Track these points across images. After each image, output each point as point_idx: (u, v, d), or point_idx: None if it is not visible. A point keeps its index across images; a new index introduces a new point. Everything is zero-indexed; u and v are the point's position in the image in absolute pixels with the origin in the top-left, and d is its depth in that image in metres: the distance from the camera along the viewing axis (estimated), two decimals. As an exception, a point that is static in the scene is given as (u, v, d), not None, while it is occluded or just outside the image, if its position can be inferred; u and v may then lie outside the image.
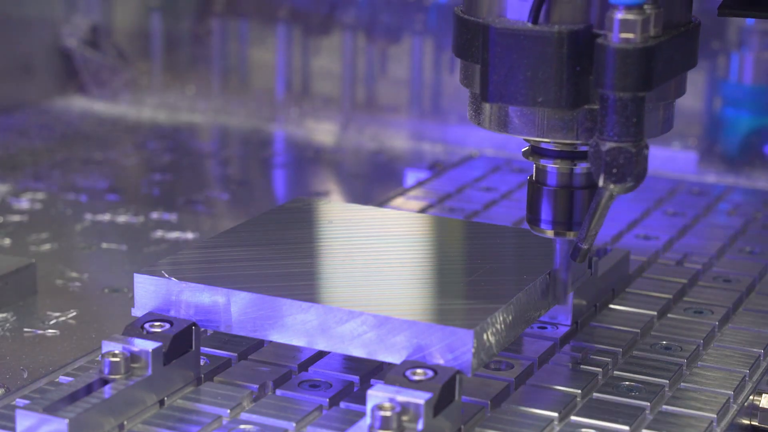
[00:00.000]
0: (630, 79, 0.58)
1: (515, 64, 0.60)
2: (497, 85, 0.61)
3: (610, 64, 0.58)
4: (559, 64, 0.60)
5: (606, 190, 0.60)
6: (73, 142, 1.22)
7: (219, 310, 0.65)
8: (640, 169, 0.60)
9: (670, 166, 1.14)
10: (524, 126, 0.63)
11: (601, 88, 0.59)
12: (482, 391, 0.65)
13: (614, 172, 0.59)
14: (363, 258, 0.70)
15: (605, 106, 0.59)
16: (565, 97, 0.60)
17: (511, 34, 0.60)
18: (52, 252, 0.92)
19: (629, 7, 0.58)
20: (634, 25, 0.58)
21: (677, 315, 0.76)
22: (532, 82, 0.60)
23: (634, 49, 0.58)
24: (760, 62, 1.14)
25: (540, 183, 0.66)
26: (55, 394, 0.60)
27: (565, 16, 0.61)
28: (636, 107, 0.59)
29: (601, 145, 0.59)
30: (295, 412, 0.63)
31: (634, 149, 0.59)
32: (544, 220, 0.66)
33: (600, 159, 0.59)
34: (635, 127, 0.59)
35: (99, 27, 1.37)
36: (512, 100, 0.61)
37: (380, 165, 1.18)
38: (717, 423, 0.64)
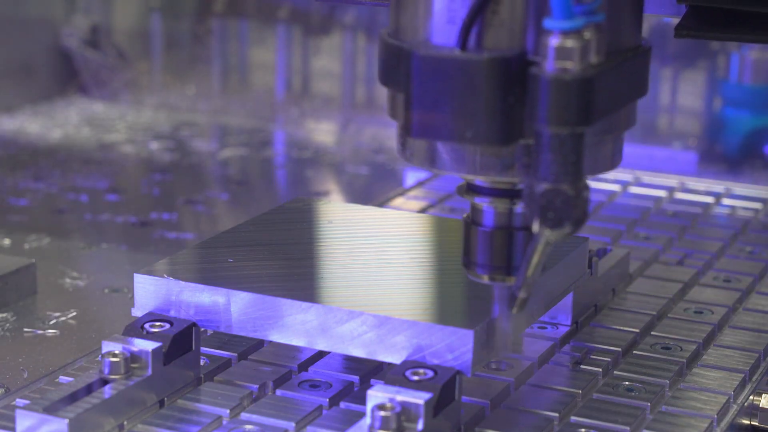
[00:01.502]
0: (567, 113, 0.52)
1: (441, 94, 0.54)
2: (422, 117, 0.54)
3: (544, 96, 0.52)
4: (489, 95, 0.53)
5: (542, 236, 0.54)
6: (73, 142, 1.22)
7: (219, 310, 0.65)
8: (579, 212, 0.53)
9: (670, 166, 1.14)
10: (455, 163, 0.57)
11: (535, 123, 0.52)
12: (482, 391, 0.65)
13: (550, 217, 0.53)
14: (363, 258, 0.70)
15: (540, 143, 0.52)
16: (496, 132, 0.54)
17: (436, 60, 0.54)
18: (52, 252, 0.92)
19: (566, 32, 0.52)
20: (572, 53, 0.52)
21: (677, 315, 0.76)
22: (459, 115, 0.54)
23: (571, 79, 0.52)
24: (760, 62, 1.14)
25: (476, 223, 0.60)
26: (55, 394, 0.60)
27: (498, 41, 0.54)
28: (574, 144, 0.52)
29: (535, 186, 0.53)
30: (295, 412, 0.63)
31: (573, 191, 0.53)
32: (481, 264, 0.60)
33: (534, 202, 0.53)
34: (573, 166, 0.52)
35: (99, 27, 1.37)
36: (438, 135, 0.55)
37: (380, 165, 1.18)
38: (717, 423, 0.64)
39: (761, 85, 1.14)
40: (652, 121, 1.18)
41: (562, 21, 0.51)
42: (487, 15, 0.54)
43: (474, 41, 0.54)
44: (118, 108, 1.34)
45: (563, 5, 0.51)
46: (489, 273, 0.60)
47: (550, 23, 0.52)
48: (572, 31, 0.52)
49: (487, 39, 0.54)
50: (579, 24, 0.52)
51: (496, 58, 0.53)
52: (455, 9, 0.55)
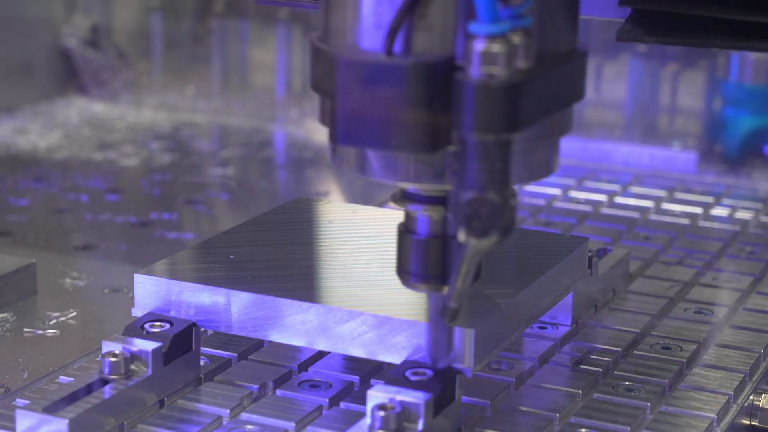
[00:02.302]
0: (493, 120, 0.50)
1: (366, 100, 0.52)
2: (347, 124, 0.53)
3: (469, 102, 0.50)
4: (414, 101, 0.52)
5: (475, 246, 0.53)
6: (73, 142, 1.22)
7: (219, 310, 0.65)
8: (506, 222, 0.52)
9: (670, 166, 1.14)
10: (384, 170, 0.56)
11: (461, 130, 0.51)
12: (482, 391, 0.65)
13: (476, 226, 0.52)
14: (363, 258, 0.70)
15: (466, 150, 0.51)
16: (422, 139, 0.52)
17: (361, 65, 0.52)
18: (52, 252, 0.92)
19: (492, 37, 0.50)
20: (497, 58, 0.50)
21: (677, 315, 0.76)
22: (385, 122, 0.52)
23: (497, 85, 0.50)
24: (760, 62, 1.14)
25: (409, 231, 0.59)
26: (55, 394, 0.60)
27: (426, 46, 0.53)
28: (501, 151, 0.51)
29: (461, 194, 0.51)
30: (295, 412, 0.63)
31: (499, 200, 0.51)
32: (415, 273, 0.59)
33: (460, 210, 0.52)
34: (500, 174, 0.51)
35: (99, 27, 1.37)
36: (363, 142, 0.53)
37: (380, 165, 1.18)
38: (717, 423, 0.64)
39: (761, 85, 1.14)
40: (652, 121, 1.18)
41: (488, 25, 0.50)
42: (414, 19, 0.53)
43: (401, 46, 0.53)
44: (118, 108, 1.34)
45: (488, 9, 0.50)
46: (423, 282, 0.59)
47: (475, 27, 0.50)
48: (498, 35, 0.50)
49: (414, 44, 0.53)
50: (505, 28, 0.50)
51: (421, 64, 0.52)
52: (382, 13, 0.54)
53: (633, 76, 1.18)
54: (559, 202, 0.98)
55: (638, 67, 1.18)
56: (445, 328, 0.59)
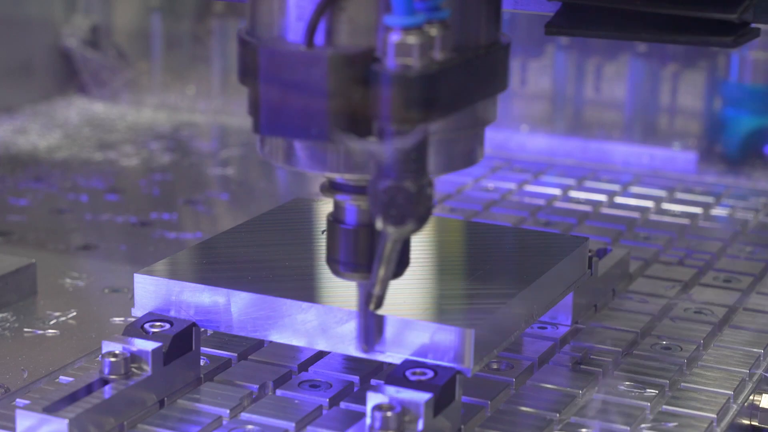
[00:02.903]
0: (408, 110, 0.51)
1: (287, 91, 0.53)
2: (269, 114, 0.54)
3: (385, 92, 0.51)
4: (333, 92, 0.53)
5: (392, 234, 0.54)
6: (73, 142, 1.22)
7: (219, 310, 0.65)
8: (422, 209, 0.53)
9: (670, 166, 1.14)
10: (310, 160, 0.57)
11: (378, 120, 0.52)
12: (482, 391, 0.65)
13: (393, 214, 0.53)
14: (363, 258, 0.70)
15: (383, 140, 0.52)
16: (341, 130, 0.53)
17: (282, 57, 0.53)
18: (52, 252, 0.92)
19: (407, 29, 0.51)
20: (412, 49, 0.51)
21: (677, 315, 0.76)
22: (305, 113, 0.53)
23: (412, 76, 0.51)
24: (760, 62, 1.14)
25: (338, 221, 0.59)
26: (55, 394, 0.60)
27: (346, 38, 0.54)
28: (416, 141, 0.52)
29: (378, 183, 0.53)
30: (295, 412, 0.63)
31: (415, 188, 0.52)
32: (344, 262, 0.59)
33: (377, 199, 0.53)
34: (416, 163, 0.52)
35: (99, 27, 1.37)
36: (285, 132, 0.54)
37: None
38: (717, 423, 0.64)
39: (761, 85, 1.14)
40: (652, 121, 1.18)
41: (403, 17, 0.51)
42: (335, 12, 0.54)
43: (324, 39, 0.54)
44: (118, 108, 1.34)
45: (403, 2, 0.51)
46: (353, 270, 0.59)
47: (390, 20, 0.52)
48: (413, 27, 0.51)
49: (335, 36, 0.54)
50: (420, 20, 0.51)
51: (340, 55, 0.53)
52: (304, 6, 0.55)
53: (633, 76, 1.18)
54: (559, 202, 0.98)
55: (638, 67, 1.18)
56: (374, 315, 0.60)
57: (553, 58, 1.20)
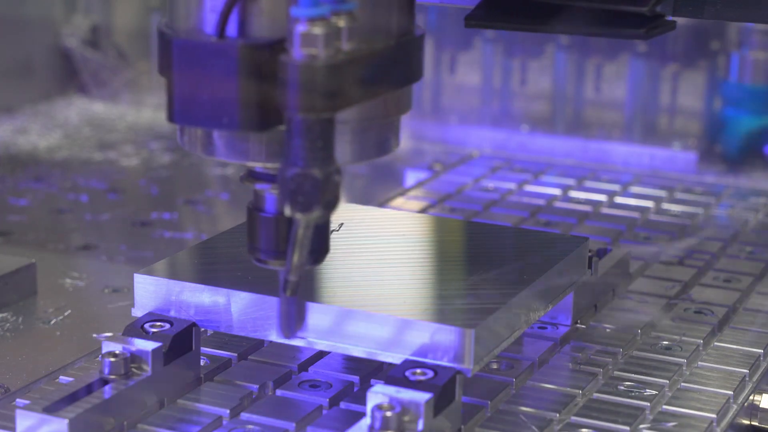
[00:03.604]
0: (313, 99, 0.53)
1: (198, 81, 0.55)
2: (182, 104, 0.56)
3: (290, 82, 0.53)
4: (243, 82, 0.54)
5: (300, 220, 0.55)
6: (73, 142, 1.22)
7: (219, 310, 0.65)
8: (329, 196, 0.54)
9: (670, 166, 1.14)
10: (226, 149, 0.58)
11: (285, 109, 0.53)
12: (482, 391, 0.65)
13: (300, 201, 0.54)
14: (363, 258, 0.70)
15: (290, 129, 0.54)
16: (252, 118, 0.55)
17: (193, 47, 0.55)
18: (52, 252, 0.92)
19: (312, 20, 0.53)
20: (317, 40, 0.53)
21: (677, 315, 0.76)
22: (216, 102, 0.55)
23: (317, 66, 0.53)
24: (760, 62, 1.14)
25: (258, 210, 0.60)
26: (55, 394, 0.60)
27: (258, 29, 0.55)
28: (323, 129, 0.54)
29: (286, 171, 0.54)
30: (295, 412, 0.63)
31: (322, 175, 0.54)
32: (265, 249, 0.60)
33: (285, 186, 0.54)
34: (322, 151, 0.54)
35: (99, 27, 1.37)
36: (197, 121, 0.56)
37: (380, 165, 1.18)
38: (717, 423, 0.64)
39: (761, 85, 1.14)
40: (652, 121, 1.18)
41: (308, 8, 0.53)
42: (247, 4, 0.55)
43: (236, 29, 0.55)
44: (118, 108, 1.34)
45: None
46: (273, 258, 0.60)
47: (296, 11, 0.53)
48: (318, 18, 0.53)
49: (247, 27, 0.55)
50: (325, 11, 0.53)
51: (250, 45, 0.54)
52: None
53: (633, 76, 1.18)
54: (559, 202, 0.98)
55: (638, 67, 1.18)
56: (295, 301, 0.61)
57: (553, 58, 1.20)
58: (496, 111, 1.23)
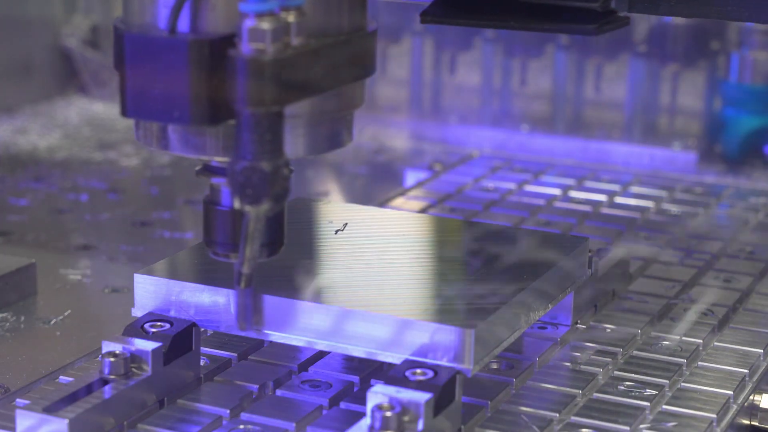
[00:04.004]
0: (261, 94, 0.54)
1: (150, 75, 0.55)
2: (134, 98, 0.56)
3: (238, 76, 0.54)
4: (193, 77, 0.55)
5: (250, 213, 0.56)
6: (73, 142, 1.22)
7: (219, 310, 0.65)
8: (278, 189, 0.55)
9: (670, 166, 1.14)
10: (180, 143, 0.59)
11: (234, 104, 0.54)
12: (482, 391, 0.65)
13: (249, 193, 0.55)
14: (363, 258, 0.70)
15: (239, 123, 0.54)
16: (202, 113, 0.55)
17: (145, 42, 0.55)
18: (52, 252, 0.92)
19: (260, 15, 0.53)
20: (264, 35, 0.53)
21: (677, 315, 0.76)
22: (167, 96, 0.55)
23: (265, 60, 0.53)
24: (760, 62, 1.14)
25: (214, 203, 0.61)
26: (55, 394, 0.60)
27: (210, 24, 0.56)
28: (271, 123, 0.54)
29: (235, 164, 0.55)
30: (295, 412, 0.63)
31: (270, 168, 0.55)
32: (221, 243, 0.61)
33: (234, 179, 0.55)
34: (271, 144, 0.55)
35: (99, 27, 1.37)
36: (149, 116, 0.56)
37: (380, 165, 1.18)
38: (717, 423, 0.64)
39: (761, 85, 1.14)
40: (652, 121, 1.18)
41: (256, 4, 0.53)
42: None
43: (188, 25, 0.56)
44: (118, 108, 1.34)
45: None
46: (230, 251, 0.61)
47: (244, 6, 0.53)
48: (267, 13, 0.53)
49: (199, 22, 0.56)
50: (273, 6, 0.53)
51: (200, 40, 0.55)
52: None
53: (633, 76, 1.18)
54: (559, 202, 0.98)
55: (638, 67, 1.18)
56: (250, 294, 0.62)
57: (553, 58, 1.20)
58: (496, 111, 1.23)
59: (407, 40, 1.26)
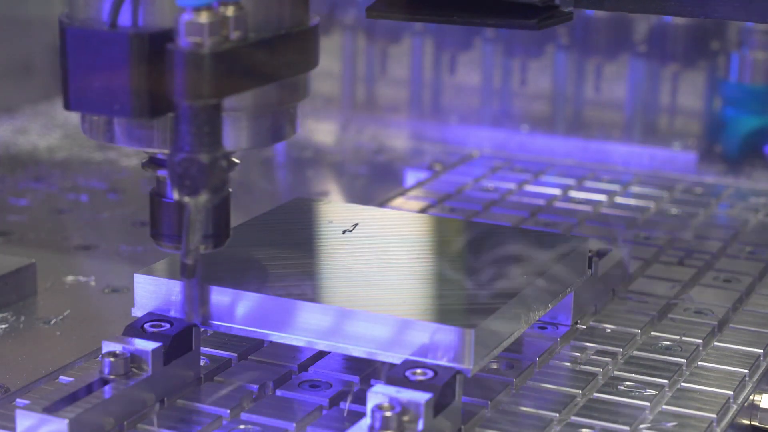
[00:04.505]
0: (198, 87, 0.55)
1: (91, 68, 0.56)
2: (77, 91, 0.57)
3: (175, 70, 0.55)
4: (133, 70, 0.56)
5: (190, 204, 0.57)
6: (73, 142, 1.22)
7: (219, 310, 0.65)
8: (216, 180, 0.56)
9: (670, 166, 1.14)
10: (124, 136, 0.60)
11: (172, 96, 0.55)
12: (482, 391, 0.65)
13: (187, 184, 0.56)
14: (363, 258, 0.70)
15: (177, 115, 0.55)
16: (142, 106, 0.56)
17: (86, 36, 0.57)
18: (52, 252, 0.92)
19: (198, 9, 0.54)
20: (201, 29, 0.54)
21: (677, 315, 0.76)
22: (108, 90, 0.56)
23: (201, 54, 0.54)
24: (760, 62, 1.14)
25: (160, 195, 0.62)
26: (55, 394, 0.60)
27: (152, 19, 0.57)
28: (208, 116, 0.55)
29: (174, 155, 0.56)
30: (295, 412, 0.63)
31: (208, 160, 0.56)
32: (167, 234, 0.62)
33: (173, 170, 0.56)
34: (208, 136, 0.55)
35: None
36: (91, 109, 0.57)
37: (380, 165, 1.18)
38: (717, 423, 0.64)
39: (761, 85, 1.14)
40: (652, 121, 1.18)
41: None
42: None
43: (130, 19, 0.57)
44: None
45: None
46: (175, 242, 0.62)
47: (182, 1, 0.54)
48: (204, 7, 0.54)
49: (141, 17, 0.57)
50: (210, 1, 0.54)
51: (140, 34, 0.56)
52: None
53: (633, 76, 1.18)
54: (559, 202, 0.98)
55: (638, 67, 1.18)
56: (196, 284, 0.63)
57: (553, 58, 1.20)
58: (496, 111, 1.23)
59: (407, 40, 1.26)
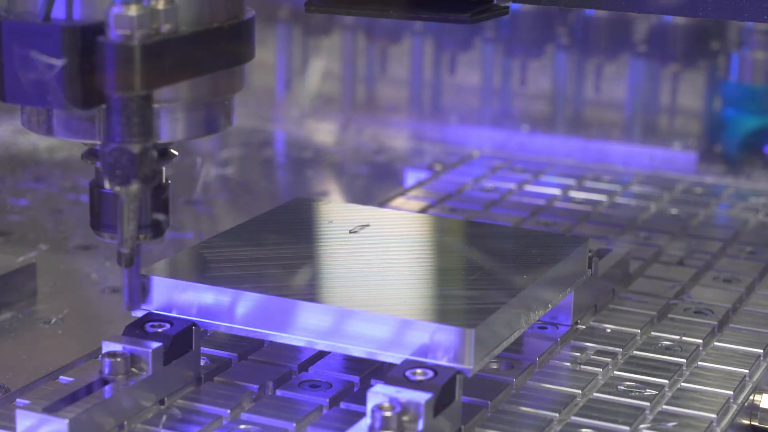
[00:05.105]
0: (126, 78, 0.56)
1: (25, 61, 0.57)
2: (12, 83, 0.58)
3: (105, 62, 0.56)
4: (66, 62, 0.56)
5: (122, 193, 0.58)
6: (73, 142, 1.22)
7: (219, 310, 0.65)
8: (146, 170, 0.57)
9: (670, 166, 1.14)
10: (62, 128, 0.61)
11: (103, 88, 0.56)
12: (482, 391, 0.65)
13: (118, 174, 0.57)
14: (363, 258, 0.70)
15: (108, 106, 0.57)
16: (75, 97, 0.57)
17: (21, 29, 0.57)
18: (52, 252, 0.92)
19: (127, 2, 0.55)
20: (131, 21, 0.55)
21: (677, 315, 0.76)
22: (41, 82, 0.57)
23: (130, 46, 0.55)
24: (760, 62, 1.14)
25: (99, 186, 0.63)
26: (55, 394, 0.60)
27: (84, 12, 0.58)
28: (138, 107, 0.56)
29: (105, 146, 0.57)
30: (295, 412, 0.63)
31: (138, 150, 0.57)
32: (106, 224, 0.63)
33: (105, 160, 0.57)
34: (138, 127, 0.57)
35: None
36: (25, 101, 0.58)
37: (380, 165, 1.18)
38: (717, 423, 0.64)
39: (761, 85, 1.14)
40: (652, 121, 1.18)
41: None
42: None
43: (64, 12, 0.58)
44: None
45: None
46: (114, 232, 0.62)
47: None
48: (133, 1, 0.55)
49: (74, 10, 0.58)
50: None
51: (72, 27, 0.56)
52: None
53: (633, 76, 1.18)
54: (559, 202, 0.98)
55: (638, 67, 1.18)
56: (136, 274, 0.64)
57: (553, 58, 1.20)
58: (496, 111, 1.23)
59: (407, 40, 1.26)
